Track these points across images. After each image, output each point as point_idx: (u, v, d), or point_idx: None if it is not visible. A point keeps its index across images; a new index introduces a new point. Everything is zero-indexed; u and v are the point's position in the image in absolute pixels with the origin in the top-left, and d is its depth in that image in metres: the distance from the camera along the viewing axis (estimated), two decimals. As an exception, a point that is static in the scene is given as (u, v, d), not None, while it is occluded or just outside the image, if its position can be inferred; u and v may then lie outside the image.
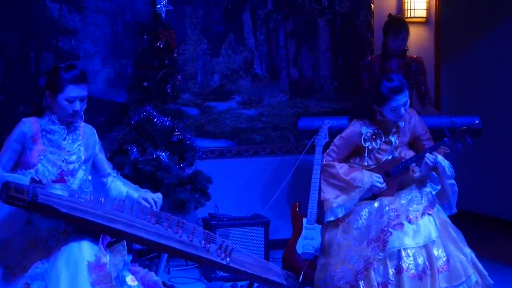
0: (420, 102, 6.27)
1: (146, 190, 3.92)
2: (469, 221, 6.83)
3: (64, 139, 3.77)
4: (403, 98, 4.32)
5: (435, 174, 4.39)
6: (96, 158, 3.95)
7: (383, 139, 4.45)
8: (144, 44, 5.68)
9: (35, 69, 5.76)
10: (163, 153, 5.47)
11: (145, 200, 3.83)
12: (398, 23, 6.10)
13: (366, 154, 4.46)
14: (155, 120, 5.51)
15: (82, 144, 3.83)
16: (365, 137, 4.44)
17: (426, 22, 7.08)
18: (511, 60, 7.33)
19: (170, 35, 5.66)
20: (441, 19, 7.16)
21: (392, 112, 4.37)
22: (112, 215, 3.52)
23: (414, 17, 6.95)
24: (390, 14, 6.32)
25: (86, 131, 3.91)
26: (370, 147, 4.44)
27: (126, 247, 3.62)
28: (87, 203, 3.55)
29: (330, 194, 4.48)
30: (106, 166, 4.01)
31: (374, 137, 4.44)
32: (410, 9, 6.93)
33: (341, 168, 4.48)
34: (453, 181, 4.42)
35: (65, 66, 3.74)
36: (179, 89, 5.79)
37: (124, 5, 6.01)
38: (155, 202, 3.84)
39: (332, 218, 4.45)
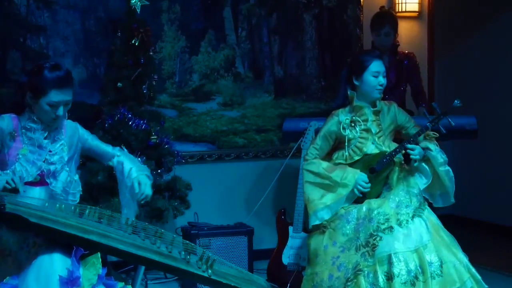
0: (414, 102, 6.30)
1: (146, 174, 3.98)
2: (462, 227, 6.90)
3: (46, 138, 3.74)
4: (381, 65, 4.54)
5: (426, 166, 4.45)
6: (91, 146, 3.96)
7: (362, 126, 4.52)
8: (118, 42, 5.70)
9: (1, 69, 5.75)
10: (139, 158, 5.47)
11: (138, 184, 3.88)
12: (380, 18, 6.15)
13: (346, 144, 4.52)
14: (130, 123, 5.52)
15: (65, 143, 3.82)
16: (344, 125, 4.54)
17: (418, 16, 7.14)
18: (509, 56, 7.39)
19: (145, 32, 5.68)
20: (434, 13, 7.21)
21: (373, 80, 4.49)
22: (85, 225, 3.51)
23: (405, 11, 7.00)
24: (381, 7, 6.38)
25: (69, 128, 3.89)
26: (350, 136, 4.52)
27: (100, 260, 3.62)
28: (58, 212, 3.55)
29: (314, 195, 4.51)
30: (106, 148, 4.03)
31: (353, 124, 4.53)
32: (402, 3, 6.99)
33: (323, 165, 4.54)
34: (447, 167, 4.46)
35: (49, 66, 3.67)
36: (155, 90, 5.81)
37: (96, 0, 6.01)
38: (142, 193, 3.88)
39: (317, 222, 4.48)
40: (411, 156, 4.40)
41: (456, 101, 4.38)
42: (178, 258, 3.72)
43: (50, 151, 3.76)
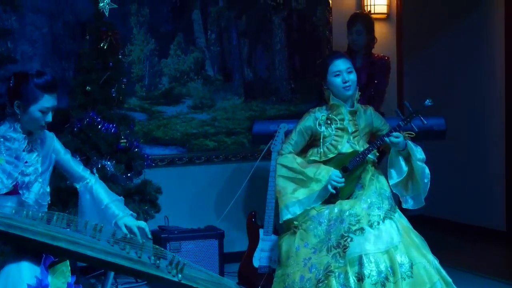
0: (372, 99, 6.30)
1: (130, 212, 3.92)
2: (433, 228, 6.95)
3: (24, 149, 3.70)
4: (343, 63, 4.55)
5: (402, 161, 4.46)
6: (62, 159, 3.90)
7: (338, 124, 4.55)
8: (86, 45, 5.69)
9: (-33, 75, 5.70)
10: (108, 162, 5.46)
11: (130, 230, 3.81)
12: (353, 17, 6.31)
13: (321, 140, 4.54)
14: (99, 126, 5.50)
15: (40, 155, 3.79)
16: (320, 122, 4.57)
17: (387, 18, 7.19)
18: (476, 57, 7.45)
19: (114, 35, 5.66)
20: (402, 15, 7.26)
21: (336, 80, 4.51)
22: (54, 232, 3.49)
23: (374, 13, 7.03)
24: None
25: (46, 139, 3.85)
26: (325, 133, 4.54)
27: (69, 268, 3.60)
28: (26, 219, 3.52)
29: (286, 188, 4.53)
30: (76, 168, 3.95)
31: (328, 121, 4.56)
32: (370, 5, 7.03)
33: (297, 160, 4.57)
34: (424, 165, 4.46)
35: (35, 72, 3.65)
36: (125, 93, 5.80)
37: (64, 3, 5.98)
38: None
39: (288, 216, 4.48)
40: (393, 140, 4.39)
41: (427, 100, 4.42)
42: (148, 263, 3.71)
43: (26, 162, 3.71)
